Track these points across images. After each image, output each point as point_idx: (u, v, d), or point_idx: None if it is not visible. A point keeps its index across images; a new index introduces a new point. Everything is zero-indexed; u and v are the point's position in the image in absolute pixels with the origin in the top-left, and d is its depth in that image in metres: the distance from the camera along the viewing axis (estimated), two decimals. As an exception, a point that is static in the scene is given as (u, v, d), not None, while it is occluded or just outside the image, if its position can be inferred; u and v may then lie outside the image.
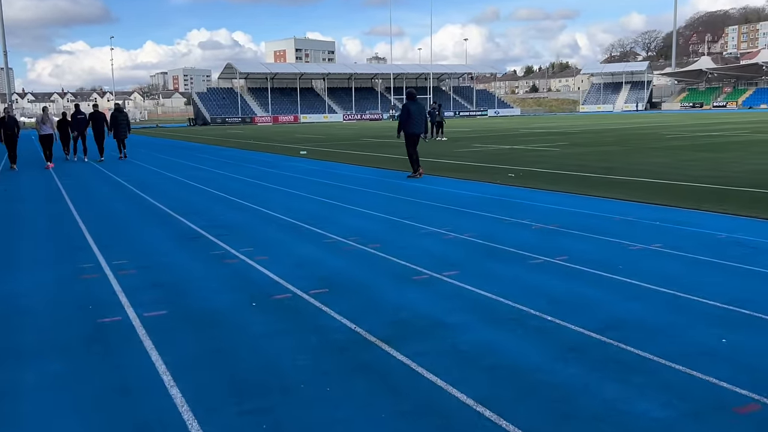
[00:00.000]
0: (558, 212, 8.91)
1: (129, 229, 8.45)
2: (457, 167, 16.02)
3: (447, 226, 8.02)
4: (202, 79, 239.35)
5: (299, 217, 8.96)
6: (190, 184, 13.60)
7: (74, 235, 8.12)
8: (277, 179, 14.23)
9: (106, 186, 13.77)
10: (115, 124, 21.76)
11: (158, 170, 17.27)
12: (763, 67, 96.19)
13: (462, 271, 5.81)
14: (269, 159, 20.61)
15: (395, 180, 13.61)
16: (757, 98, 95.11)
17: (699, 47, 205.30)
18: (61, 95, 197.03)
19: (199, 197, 11.49)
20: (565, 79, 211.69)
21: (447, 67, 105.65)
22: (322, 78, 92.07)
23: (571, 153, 19.43)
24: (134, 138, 40.67)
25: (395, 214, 9.10)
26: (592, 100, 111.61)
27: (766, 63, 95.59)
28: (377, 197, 10.95)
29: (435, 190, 11.68)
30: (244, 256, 6.62)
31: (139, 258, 6.67)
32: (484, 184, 12.48)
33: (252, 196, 11.48)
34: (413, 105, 13.89)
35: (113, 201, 11.31)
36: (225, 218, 9.10)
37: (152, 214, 9.62)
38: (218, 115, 78.57)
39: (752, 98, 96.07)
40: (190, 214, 9.53)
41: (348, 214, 9.26)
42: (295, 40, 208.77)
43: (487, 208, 9.36)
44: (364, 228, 8.07)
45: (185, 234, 7.98)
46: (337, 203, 10.30)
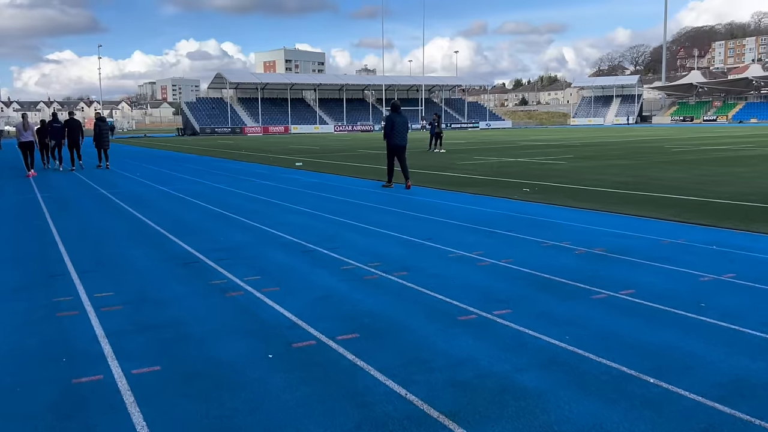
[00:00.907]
0: (595, 233, 7.99)
1: (115, 251, 7.42)
2: (464, 181, 15.10)
3: (477, 249, 7.06)
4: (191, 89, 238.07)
5: (308, 238, 7.98)
6: (182, 198, 12.57)
7: (51, 257, 7.08)
8: (276, 193, 13.23)
9: (90, 200, 12.71)
10: (99, 134, 21.37)
11: (147, 182, 16.22)
12: (752, 82, 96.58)
13: (515, 309, 4.86)
14: (264, 171, 19.61)
15: (402, 194, 12.66)
16: (746, 113, 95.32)
17: (686, 62, 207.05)
18: (48, 104, 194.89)
19: (194, 213, 10.47)
20: (554, 92, 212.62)
21: (438, 79, 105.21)
22: (313, 89, 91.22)
23: (581, 167, 18.59)
24: (122, 148, 39.52)
25: (414, 233, 8.14)
26: (582, 113, 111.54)
27: (755, 78, 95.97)
28: (389, 214, 9.98)
29: (449, 206, 10.74)
30: (251, 287, 5.62)
31: (127, 289, 5.65)
32: (499, 200, 11.56)
33: (252, 212, 10.48)
34: (397, 117, 13.86)
35: (98, 217, 10.27)
36: (224, 239, 8.10)
37: (141, 234, 8.59)
38: (208, 125, 77.38)
39: (742, 112, 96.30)
40: (184, 233, 8.51)
41: (361, 233, 8.28)
42: (285, 51, 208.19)
43: (515, 228, 8.42)
44: (383, 251, 7.10)
45: (180, 258, 6.97)
46: (347, 221, 9.33)
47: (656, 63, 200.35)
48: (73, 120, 21.20)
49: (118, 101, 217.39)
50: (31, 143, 19.44)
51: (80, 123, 21.23)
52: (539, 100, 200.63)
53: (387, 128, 13.89)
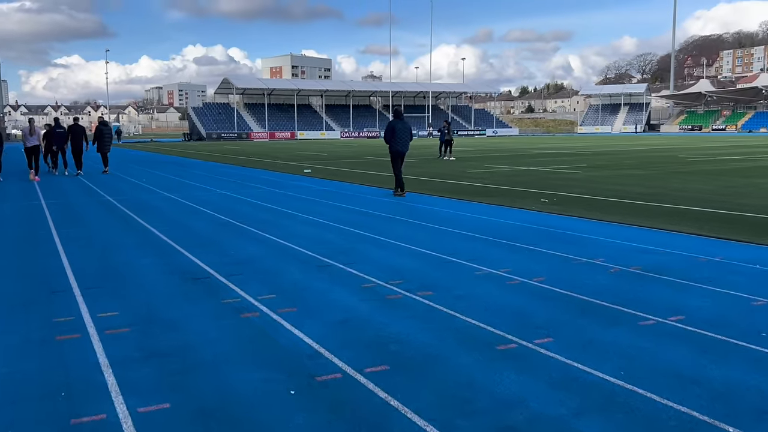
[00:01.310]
0: (626, 249, 7.55)
1: (121, 263, 7.02)
2: (478, 190, 14.68)
3: (504, 266, 6.64)
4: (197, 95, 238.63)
5: (323, 251, 7.57)
6: (190, 207, 12.19)
7: (53, 270, 6.69)
8: (287, 201, 12.84)
9: (95, 207, 12.34)
10: (100, 138, 21.36)
11: (154, 189, 15.86)
12: (762, 91, 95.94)
13: (557, 337, 4.44)
14: (273, 178, 19.24)
15: (416, 204, 12.25)
16: (756, 122, 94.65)
17: (694, 70, 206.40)
18: (55, 108, 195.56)
19: (202, 223, 10.08)
20: (560, 100, 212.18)
21: (445, 86, 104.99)
22: (320, 95, 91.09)
23: (597, 176, 18.15)
24: (129, 153, 39.26)
25: (434, 247, 7.72)
26: (590, 121, 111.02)
27: (765, 87, 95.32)
28: (404, 225, 9.57)
29: (466, 217, 10.32)
30: (266, 308, 5.21)
31: (133, 308, 5.25)
32: (518, 211, 11.14)
33: (262, 222, 10.08)
34: (399, 123, 13.80)
35: (103, 225, 9.89)
36: (236, 251, 7.70)
37: (148, 244, 8.20)
38: (214, 131, 77.22)
39: (751, 122, 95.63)
40: (193, 244, 8.12)
41: (379, 246, 7.87)
42: (291, 57, 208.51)
43: (540, 242, 8.00)
44: (404, 266, 6.69)
45: (189, 272, 6.57)
46: (362, 232, 8.92)
47: (663, 71, 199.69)
48: (77, 126, 21.10)
49: (124, 106, 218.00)
50: (37, 148, 19.46)
51: (84, 129, 21.16)
52: (545, 108, 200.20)
53: (387, 134, 13.84)
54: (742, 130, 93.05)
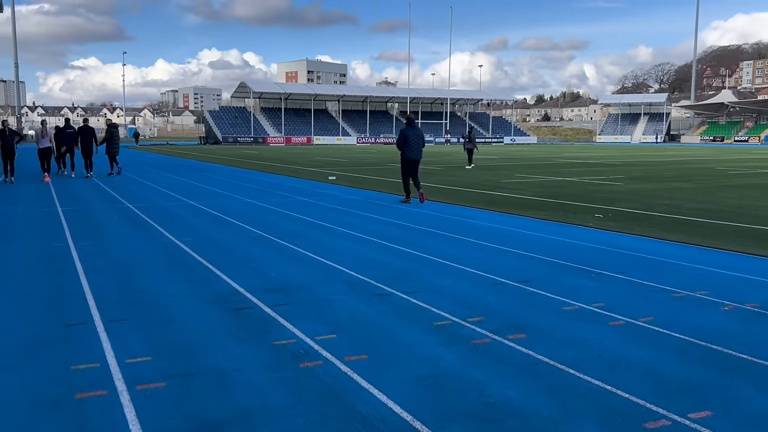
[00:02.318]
0: (727, 279, 6.54)
1: (148, 288, 6.10)
2: (521, 202, 13.68)
3: (595, 300, 5.66)
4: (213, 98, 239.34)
5: (376, 274, 6.61)
6: (215, 216, 11.29)
7: (70, 295, 5.78)
8: (318, 212, 11.91)
9: (115, 215, 11.47)
10: (111, 140, 21.24)
11: (175, 195, 14.99)
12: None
13: (716, 410, 3.44)
14: (297, 185, 18.34)
15: (458, 217, 11.27)
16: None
17: (713, 81, 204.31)
18: (71, 110, 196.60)
19: (232, 236, 9.16)
20: (577, 108, 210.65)
21: (462, 92, 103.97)
22: (337, 100, 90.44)
23: (642, 189, 17.09)
24: (145, 156, 38.60)
25: (503, 272, 6.74)
26: (609, 130, 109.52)
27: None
28: (457, 243, 8.60)
29: (522, 235, 9.33)
30: (329, 353, 4.26)
31: (169, 351, 4.32)
32: (574, 228, 10.14)
33: (297, 236, 9.14)
34: (410, 131, 13.72)
35: (125, 238, 8.99)
36: (276, 272, 6.76)
37: (177, 263, 7.28)
38: (230, 135, 76.67)
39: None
40: (226, 263, 7.19)
41: (438, 270, 6.90)
42: (307, 62, 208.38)
43: (622, 267, 7.00)
44: (477, 297, 5.72)
45: (228, 300, 5.64)
46: (413, 251, 7.95)
47: (681, 81, 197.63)
48: (86, 127, 20.83)
49: (140, 108, 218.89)
50: (50, 150, 19.52)
51: (93, 130, 20.93)
52: (562, 116, 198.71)
53: (400, 142, 13.68)
54: (765, 141, 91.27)
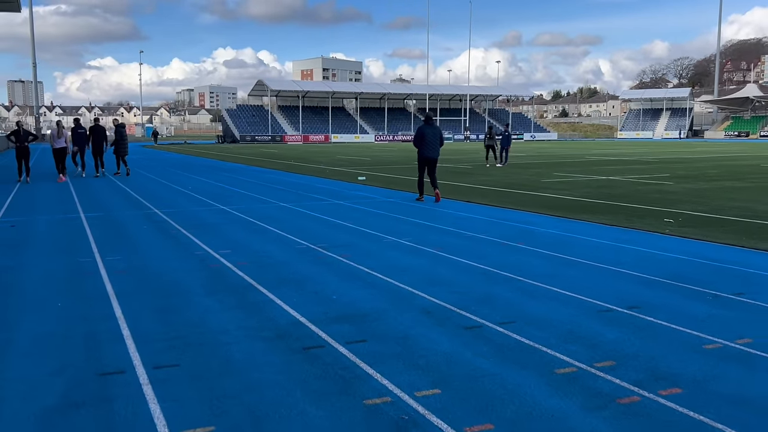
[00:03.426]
0: None
1: (194, 319, 5.16)
2: (572, 205, 12.62)
3: (737, 335, 4.64)
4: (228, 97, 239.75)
5: (458, 300, 5.63)
6: (252, 223, 10.37)
7: (103, 330, 4.86)
8: (361, 217, 10.95)
9: (144, 223, 10.59)
10: (118, 140, 21.20)
11: (203, 199, 14.11)
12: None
13: None
14: (327, 186, 17.40)
15: (515, 223, 10.25)
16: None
17: (733, 75, 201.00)
18: (89, 109, 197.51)
19: (276, 248, 8.22)
20: (595, 104, 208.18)
21: (480, 89, 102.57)
22: (354, 97, 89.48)
23: (697, 189, 15.96)
24: (165, 155, 37.91)
25: (606, 296, 5.73)
26: (630, 126, 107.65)
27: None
28: (534, 257, 7.59)
29: (597, 245, 8.30)
30: (445, 423, 3.29)
31: (235, 417, 3.36)
32: (648, 235, 9.12)
33: (348, 247, 8.18)
34: (428, 128, 13.50)
35: (159, 252, 8.08)
36: (339, 295, 5.79)
37: (222, 284, 6.34)
38: (248, 133, 76.03)
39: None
40: (279, 283, 6.24)
41: (529, 294, 5.90)
42: (322, 60, 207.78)
43: (739, 288, 5.97)
44: (592, 333, 4.73)
45: (291, 335, 4.69)
46: (485, 267, 6.96)
47: (701, 76, 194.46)
48: (97, 126, 20.73)
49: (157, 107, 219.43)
50: (64, 150, 19.42)
51: (104, 129, 20.99)
52: (580, 112, 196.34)
53: (417, 140, 13.48)
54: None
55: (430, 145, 13.41)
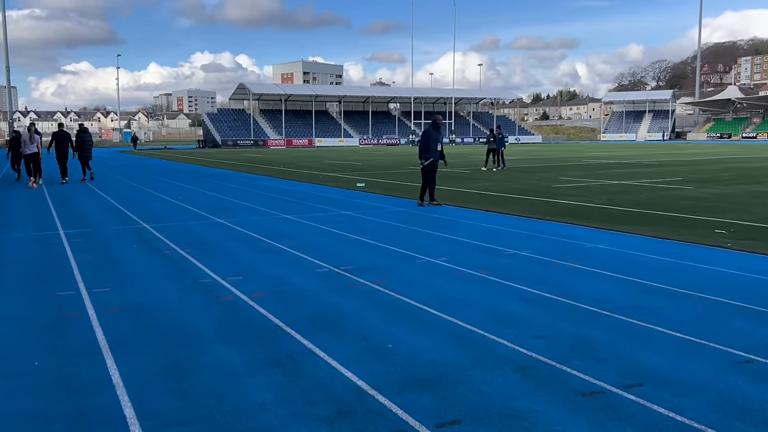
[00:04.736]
0: None
1: (219, 391, 3.90)
2: (603, 214, 11.53)
3: None
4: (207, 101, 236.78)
5: (547, 347, 4.45)
6: (258, 241, 9.09)
7: (99, 413, 3.60)
8: (378, 232, 9.72)
9: (133, 242, 9.25)
10: (81, 145, 20.56)
11: (197, 211, 12.78)
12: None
13: None
14: (328, 194, 16.15)
15: (561, 238, 9.10)
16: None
17: (711, 78, 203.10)
18: (65, 114, 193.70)
19: (296, 273, 6.96)
20: (575, 107, 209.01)
21: (464, 92, 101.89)
22: (337, 101, 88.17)
23: (724, 194, 14.97)
24: (146, 161, 36.33)
25: (731, 340, 4.58)
26: (613, 128, 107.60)
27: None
28: (595, 279, 6.44)
29: (666, 264, 7.19)
30: None
31: None
32: (709, 251, 8.02)
33: (379, 271, 6.96)
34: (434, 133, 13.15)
35: (156, 280, 6.78)
36: (396, 344, 4.57)
37: (245, 329, 5.06)
38: (229, 138, 74.35)
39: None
40: (311, 323, 5.00)
41: (629, 334, 4.73)
42: (303, 63, 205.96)
43: None
44: (743, 394, 3.57)
45: (351, 410, 3.46)
46: (562, 299, 5.79)
47: (678, 78, 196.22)
48: (62, 131, 20.21)
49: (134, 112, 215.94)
50: (36, 155, 18.73)
51: (69, 135, 20.52)
52: (560, 115, 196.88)
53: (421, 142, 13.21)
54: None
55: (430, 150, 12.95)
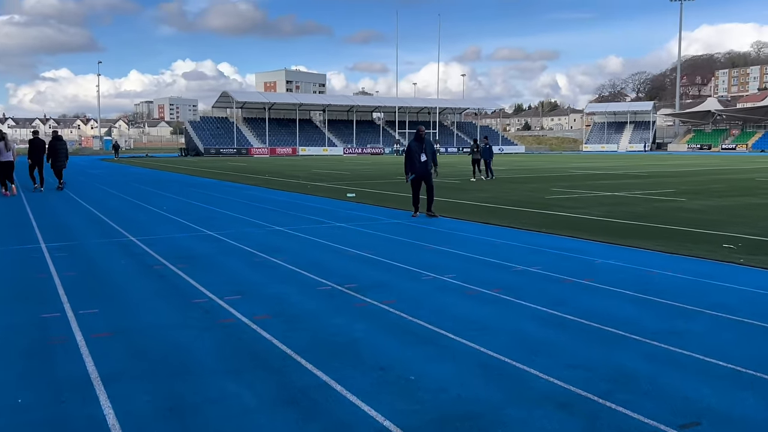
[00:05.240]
0: None
1: (225, 425, 3.47)
2: (604, 227, 11.25)
3: None
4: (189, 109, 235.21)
5: (587, 381, 4.07)
6: (254, 256, 8.64)
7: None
8: (380, 246, 9.32)
9: (120, 257, 8.75)
10: (54, 153, 20.23)
11: (183, 222, 12.28)
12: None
13: None
14: (319, 205, 15.72)
15: (573, 254, 8.77)
16: (766, 141, 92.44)
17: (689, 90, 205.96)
18: (44, 121, 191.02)
19: (299, 291, 6.53)
20: (557, 117, 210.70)
21: (449, 101, 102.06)
22: (322, 109, 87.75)
23: (720, 207, 14.79)
24: (128, 169, 35.61)
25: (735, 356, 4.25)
26: (595, 139, 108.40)
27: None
28: (614, 299, 6.10)
29: (692, 284, 6.88)
30: None
31: None
32: (725, 267, 7.74)
33: (387, 289, 6.55)
34: (414, 143, 12.94)
35: (147, 300, 6.32)
36: (416, 374, 4.16)
37: (245, 353, 4.63)
38: (212, 146, 73.53)
39: (762, 141, 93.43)
40: (322, 351, 4.58)
41: (662, 364, 4.38)
42: (286, 72, 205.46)
43: None
44: None
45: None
46: (579, 320, 5.43)
47: (658, 90, 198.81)
48: (37, 139, 20.00)
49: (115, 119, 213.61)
50: (11, 164, 18.35)
51: (44, 143, 20.15)
52: (542, 125, 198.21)
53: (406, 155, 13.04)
54: (753, 149, 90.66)
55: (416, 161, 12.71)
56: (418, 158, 12.67)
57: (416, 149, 12.70)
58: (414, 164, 12.69)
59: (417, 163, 12.68)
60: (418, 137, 12.86)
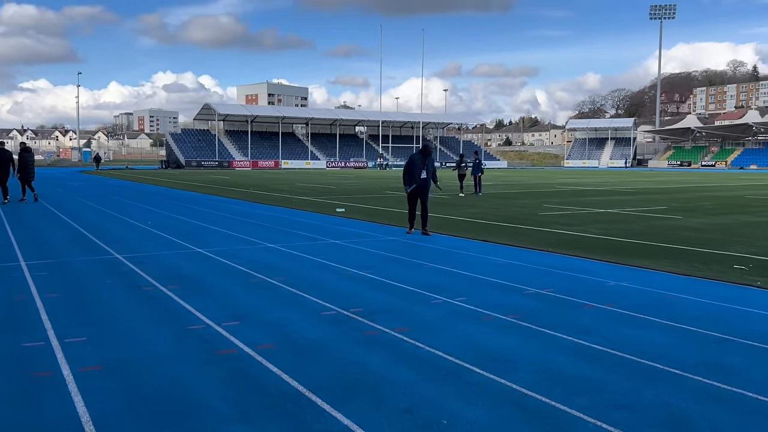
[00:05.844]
0: None
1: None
2: (608, 246, 10.95)
3: None
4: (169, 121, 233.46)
5: (636, 423, 3.67)
6: (249, 276, 8.16)
7: None
8: (379, 266, 8.89)
9: (105, 276, 8.23)
10: (23, 166, 19.87)
11: (171, 238, 11.75)
12: (752, 128, 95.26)
13: None
14: (309, 220, 15.26)
15: (578, 274, 8.42)
16: (746, 158, 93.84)
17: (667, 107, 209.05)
18: (21, 132, 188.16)
19: (303, 317, 6.07)
20: (538, 133, 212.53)
21: (432, 116, 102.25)
22: (305, 123, 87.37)
23: (718, 225, 14.60)
24: (108, 182, 34.83)
25: None
26: (576, 155, 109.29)
27: (756, 123, 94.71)
28: (642, 328, 5.74)
29: (718, 310, 6.54)
30: None
31: None
32: (752, 291, 7.44)
33: (396, 315, 6.12)
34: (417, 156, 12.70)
35: (137, 325, 5.81)
36: (448, 416, 3.73)
37: (254, 392, 4.17)
38: (194, 158, 72.71)
39: (741, 158, 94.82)
40: (338, 389, 4.13)
41: (717, 403, 4.01)
42: (267, 85, 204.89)
43: None
44: None
45: None
46: (612, 352, 5.05)
47: (637, 107, 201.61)
48: (3, 150, 19.44)
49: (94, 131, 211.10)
50: None
51: (11, 154, 19.72)
52: (523, 141, 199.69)
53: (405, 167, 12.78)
54: (732, 166, 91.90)
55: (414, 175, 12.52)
56: (419, 173, 12.49)
57: (419, 163, 12.51)
58: (414, 176, 12.50)
59: (417, 176, 12.49)
60: (424, 152, 12.62)
